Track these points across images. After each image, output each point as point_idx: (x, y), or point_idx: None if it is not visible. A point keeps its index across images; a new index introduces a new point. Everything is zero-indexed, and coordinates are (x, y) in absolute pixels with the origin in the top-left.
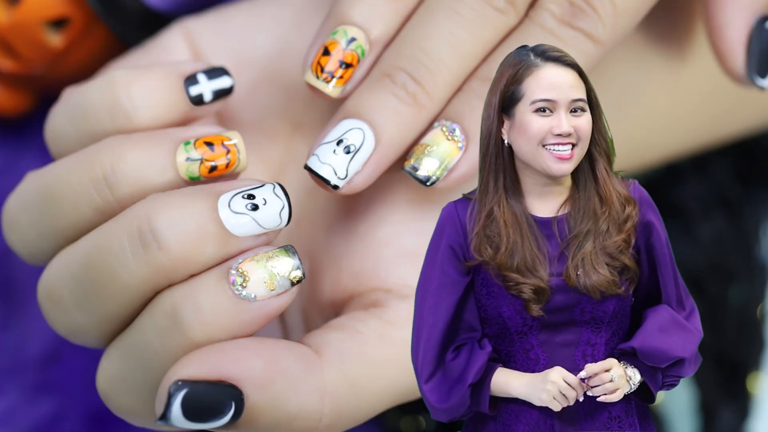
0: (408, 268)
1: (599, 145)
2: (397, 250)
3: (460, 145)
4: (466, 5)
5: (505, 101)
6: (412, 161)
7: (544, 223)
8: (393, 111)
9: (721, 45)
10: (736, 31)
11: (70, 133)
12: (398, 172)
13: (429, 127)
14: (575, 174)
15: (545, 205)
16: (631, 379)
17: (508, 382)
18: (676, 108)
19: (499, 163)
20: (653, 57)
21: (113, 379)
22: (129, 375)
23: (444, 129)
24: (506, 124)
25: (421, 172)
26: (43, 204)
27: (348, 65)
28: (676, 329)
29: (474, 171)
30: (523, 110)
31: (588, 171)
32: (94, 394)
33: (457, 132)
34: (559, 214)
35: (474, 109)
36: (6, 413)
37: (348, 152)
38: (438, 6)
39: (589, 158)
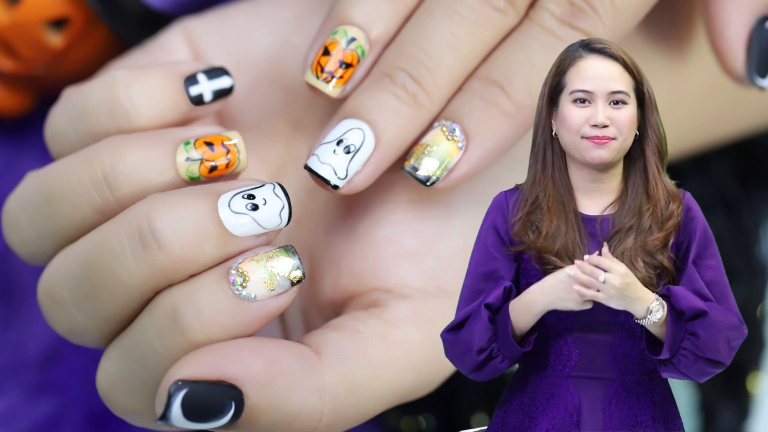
0: (408, 268)
1: (651, 141)
2: (397, 250)
3: (460, 145)
4: (466, 5)
5: (552, 92)
6: (412, 161)
7: (588, 221)
8: (393, 111)
9: (721, 45)
10: (736, 31)
11: (70, 133)
12: (398, 172)
13: (429, 127)
14: (626, 173)
15: (593, 203)
16: (651, 312)
17: (527, 296)
18: (676, 108)
19: (548, 154)
20: (653, 57)
21: (113, 379)
22: (129, 375)
23: (444, 129)
24: (554, 115)
25: (421, 172)
26: (43, 204)
27: (348, 65)
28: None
29: (474, 171)
30: (564, 101)
31: (639, 168)
32: (94, 394)
33: (457, 132)
34: (605, 213)
35: (474, 109)
36: (6, 413)
37: (348, 152)
38: (438, 6)
39: (640, 155)
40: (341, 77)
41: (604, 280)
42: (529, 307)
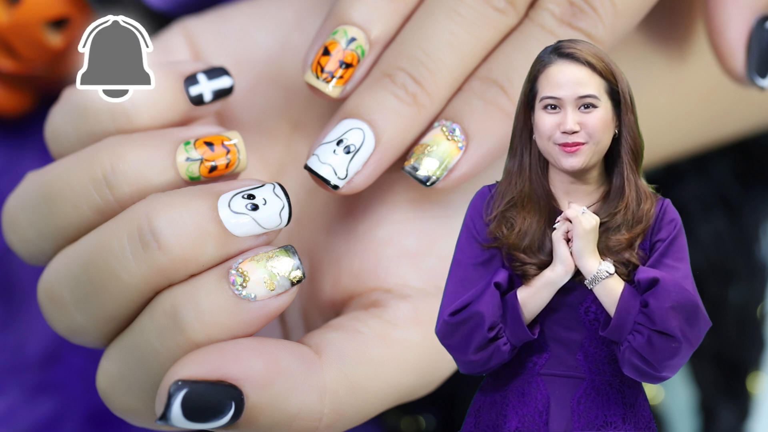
0: (408, 268)
1: (625, 141)
2: (397, 250)
3: (460, 145)
4: (466, 5)
5: (528, 98)
6: (412, 161)
7: None
8: (393, 111)
9: (721, 45)
10: (736, 31)
11: (70, 133)
12: (398, 172)
13: (429, 127)
14: (609, 173)
15: (575, 202)
16: (600, 267)
17: (534, 282)
18: (676, 108)
19: (525, 157)
20: (653, 57)
21: (113, 379)
22: (129, 375)
23: (444, 129)
24: (532, 118)
25: (421, 172)
26: (43, 204)
27: (348, 65)
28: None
29: (474, 171)
30: (537, 107)
31: (618, 169)
32: (94, 394)
33: (457, 132)
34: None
35: (474, 109)
36: (6, 413)
37: (348, 152)
38: (438, 6)
39: (617, 155)
40: (341, 77)
41: (584, 211)
42: (535, 286)
